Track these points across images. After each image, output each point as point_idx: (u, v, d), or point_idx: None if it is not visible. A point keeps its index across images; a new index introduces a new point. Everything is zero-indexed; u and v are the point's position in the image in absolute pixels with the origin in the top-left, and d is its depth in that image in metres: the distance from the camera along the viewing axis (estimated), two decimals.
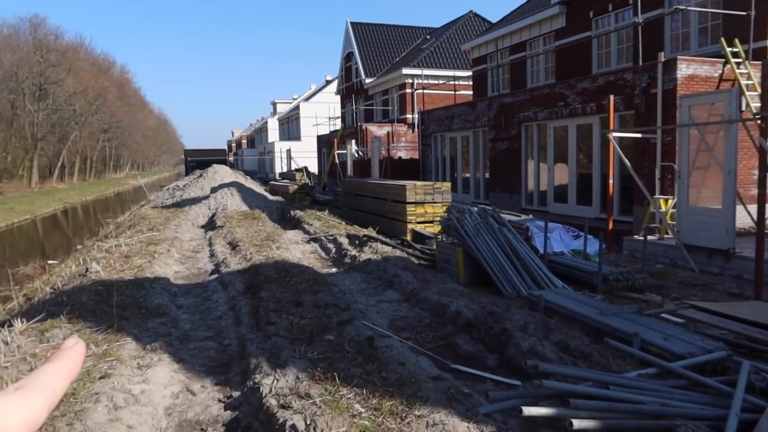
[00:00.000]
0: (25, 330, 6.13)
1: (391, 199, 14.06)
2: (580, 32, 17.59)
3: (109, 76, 74.76)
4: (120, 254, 11.42)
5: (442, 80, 27.69)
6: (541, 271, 8.17)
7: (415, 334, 6.44)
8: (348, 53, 37.47)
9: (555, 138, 15.06)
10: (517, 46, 21.02)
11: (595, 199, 13.65)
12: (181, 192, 28.80)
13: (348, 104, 38.00)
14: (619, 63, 16.33)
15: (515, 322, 5.70)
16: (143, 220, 18.08)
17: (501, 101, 17.17)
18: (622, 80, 12.60)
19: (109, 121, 71.12)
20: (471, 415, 3.89)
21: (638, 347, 5.00)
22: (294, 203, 23.46)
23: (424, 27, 38.14)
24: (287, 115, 63.20)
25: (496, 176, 17.61)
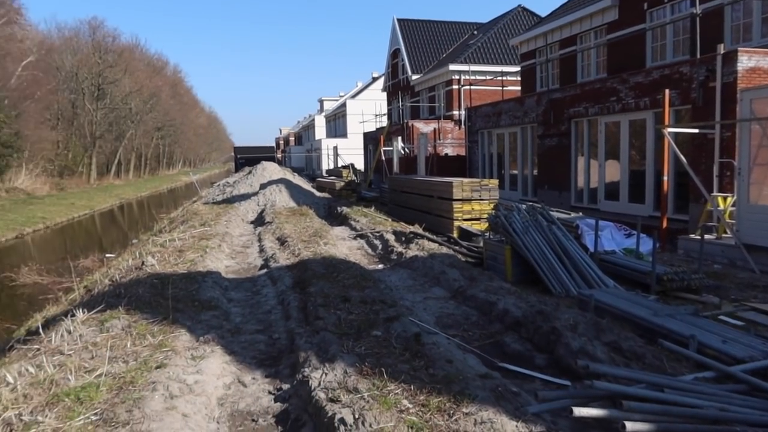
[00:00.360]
0: (87, 320, 6.41)
1: (438, 196, 14.02)
2: (634, 24, 17.09)
3: (163, 75, 77.14)
4: (174, 248, 11.77)
5: (489, 76, 27.39)
6: (591, 270, 8.00)
7: (462, 332, 6.41)
8: (394, 50, 37.49)
9: (606, 134, 14.69)
10: (567, 40, 20.59)
11: (648, 197, 13.26)
12: (231, 188, 29.43)
13: (394, 101, 38.03)
14: (675, 56, 15.79)
15: (565, 321, 5.60)
16: (195, 215, 18.57)
17: (550, 97, 16.86)
18: (679, 74, 12.18)
19: (163, 120, 73.39)
20: (520, 414, 3.85)
21: (695, 350, 4.84)
22: (340, 200, 23.66)
23: (471, 22, 37.80)
24: (334, 112, 63.74)
25: (544, 173, 17.31)
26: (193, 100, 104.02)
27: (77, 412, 4.08)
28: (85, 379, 4.68)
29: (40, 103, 42.47)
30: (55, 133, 46.68)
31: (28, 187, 37.12)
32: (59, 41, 54.38)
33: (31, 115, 39.15)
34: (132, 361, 5.13)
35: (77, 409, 4.14)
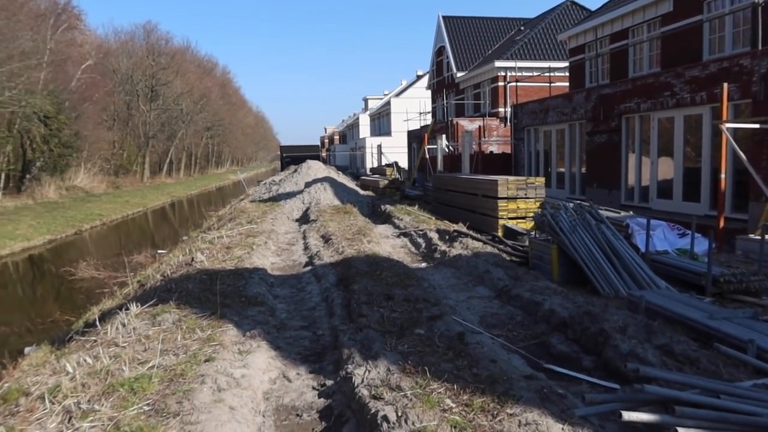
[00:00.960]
0: (140, 314, 6.61)
1: (482, 194, 13.86)
2: (690, 16, 16.47)
3: (212, 76, 78.99)
4: (221, 245, 12.03)
5: (536, 72, 26.93)
6: (642, 271, 7.76)
7: (507, 332, 6.31)
8: (439, 47, 37.29)
9: (659, 130, 14.22)
10: (618, 34, 20.02)
11: (703, 195, 12.77)
12: (277, 187, 29.87)
13: (439, 99, 37.83)
14: (735, 48, 15.14)
15: (614, 323, 5.44)
16: (242, 213, 18.94)
17: (600, 92, 16.44)
18: (738, 66, 11.68)
19: (212, 120, 75.14)
20: (566, 417, 3.76)
21: (754, 355, 4.63)
22: (384, 198, 23.70)
23: (518, 18, 37.24)
24: (378, 110, 63.91)
25: (593, 171, 16.90)
26: (241, 100, 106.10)
27: (131, 402, 4.22)
28: (138, 370, 4.83)
29: (98, 104, 44.13)
30: (111, 133, 48.44)
31: (86, 185, 38.62)
32: (116, 45, 56.34)
33: (89, 116, 40.71)
34: (182, 354, 5.27)
35: (131, 399, 4.28)
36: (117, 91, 52.07)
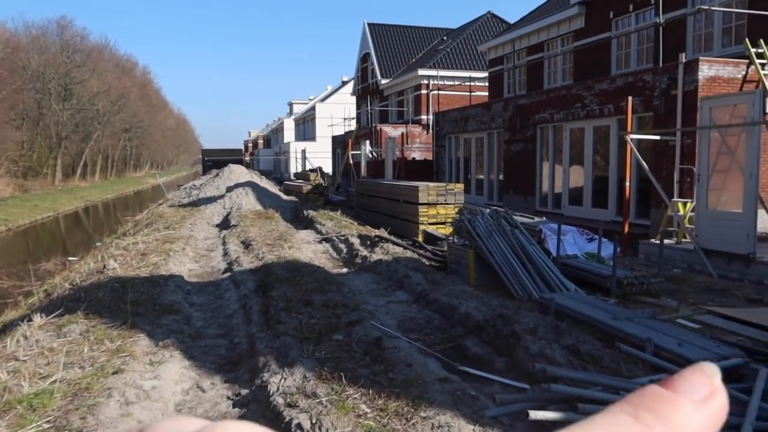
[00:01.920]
0: (44, 325, 6.22)
1: (404, 200, 14.04)
2: (600, 33, 17.42)
3: (132, 76, 75.79)
4: (137, 252, 11.54)
5: (457, 81, 27.60)
6: (553, 274, 8.09)
7: (424, 336, 6.40)
8: (364, 54, 37.52)
9: (571, 140, 14.92)
10: (534, 47, 20.88)
11: (611, 202, 13.49)
12: (198, 191, 29.05)
13: (363, 105, 38.04)
14: (639, 64, 16.14)
15: (525, 324, 5.64)
16: (160, 218, 18.26)
17: (517, 102, 17.06)
18: (642, 81, 12.44)
19: (131, 121, 72.06)
20: (477, 418, 3.85)
21: (651, 353, 4.92)
22: (307, 203, 23.54)
23: (441, 28, 38.06)
24: (303, 115, 63.46)
25: (510, 178, 17.49)
26: (162, 102, 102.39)
27: (29, 420, 3.96)
28: (39, 385, 4.55)
29: (5, 102, 41.30)
30: (20, 133, 45.41)
31: None
32: (26, 39, 52.91)
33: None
34: (88, 367, 5.01)
35: (29, 417, 4.02)
36: (27, 88, 48.89)
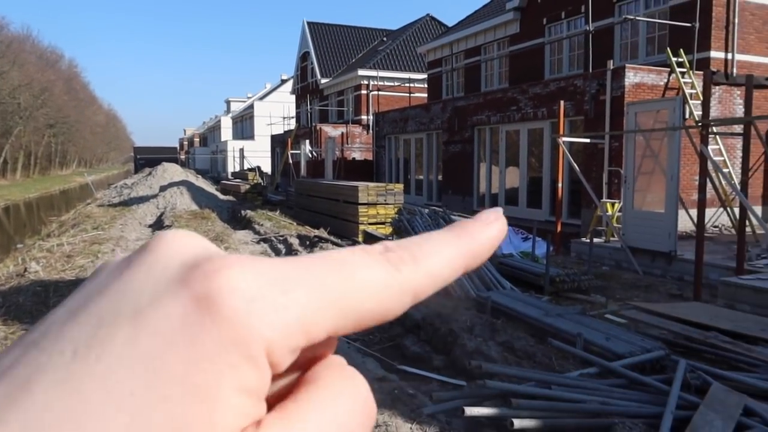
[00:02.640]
0: None
1: (344, 200, 13.99)
2: (534, 38, 17.93)
3: (56, 69, 72.37)
4: (62, 254, 11.00)
5: (397, 82, 27.78)
6: (489, 273, 8.24)
7: (363, 336, 6.38)
8: (304, 53, 37.21)
9: (507, 141, 15.28)
10: (472, 50, 21.27)
11: (544, 202, 13.90)
12: (129, 190, 28.01)
13: (303, 104, 37.72)
14: (571, 69, 16.70)
15: (462, 323, 5.71)
16: (88, 218, 17.49)
17: (455, 104, 17.32)
18: (573, 86, 12.88)
19: (56, 116, 68.71)
20: (415, 416, 3.86)
21: (581, 347, 5.07)
22: (245, 203, 23.10)
23: (380, 29, 38.22)
24: (241, 113, 62.31)
25: (448, 178, 17.75)
26: (91, 97, 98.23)
27: None
28: None
29: None
30: None
31: None
32: None
33: None
34: None
35: None
36: None
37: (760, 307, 6.86)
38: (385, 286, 0.23)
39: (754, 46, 13.06)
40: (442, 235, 0.25)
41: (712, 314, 6.35)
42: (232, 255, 0.23)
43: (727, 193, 11.01)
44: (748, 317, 6.40)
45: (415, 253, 0.24)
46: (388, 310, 0.23)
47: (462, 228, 0.26)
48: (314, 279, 0.22)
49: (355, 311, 0.22)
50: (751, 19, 12.99)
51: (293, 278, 0.22)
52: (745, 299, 7.08)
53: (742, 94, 11.98)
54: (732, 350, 5.10)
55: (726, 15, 12.68)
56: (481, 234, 0.26)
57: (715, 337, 5.44)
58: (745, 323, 5.97)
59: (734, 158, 12.00)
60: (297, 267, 0.22)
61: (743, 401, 3.74)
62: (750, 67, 12.71)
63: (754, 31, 13.06)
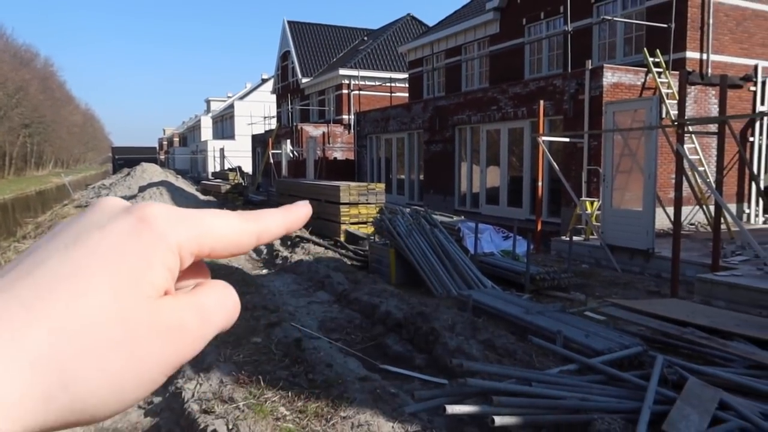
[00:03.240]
0: None
1: (325, 200, 13.96)
2: (514, 38, 18.05)
3: (32, 68, 71.15)
4: None
5: (378, 82, 27.79)
6: (471, 272, 8.29)
7: (345, 335, 6.38)
8: (285, 52, 37.04)
9: (488, 141, 15.37)
10: (452, 50, 21.35)
11: (525, 201, 14.01)
12: (108, 191, 27.66)
13: (284, 104, 37.54)
14: (550, 69, 16.85)
15: (443, 321, 5.74)
16: (65, 219, 17.24)
17: (436, 104, 17.38)
18: (552, 86, 12.99)
19: (31, 116, 67.54)
20: (396, 415, 3.87)
21: (561, 344, 5.13)
22: (226, 203, 22.95)
23: (361, 28, 38.19)
24: (221, 113, 61.83)
25: (430, 178, 17.80)
26: (67, 96, 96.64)
27: None
28: None
29: None
30: None
31: None
32: None
33: None
34: None
35: None
36: None
37: (735, 302, 7.00)
38: (239, 229, 0.37)
39: (728, 46, 13.29)
40: (275, 210, 0.39)
41: (689, 310, 6.46)
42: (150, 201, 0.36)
43: (702, 191, 11.20)
44: (723, 313, 6.53)
45: (256, 215, 0.38)
46: (241, 242, 0.37)
47: (286, 207, 0.40)
48: (202, 217, 0.36)
49: (222, 239, 0.36)
50: (725, 20, 13.22)
51: (189, 215, 0.35)
52: (721, 295, 7.22)
53: (716, 93, 12.19)
54: (708, 345, 5.19)
55: (701, 16, 12.90)
56: (297, 211, 0.40)
57: (691, 332, 5.54)
58: (720, 319, 6.09)
59: (709, 157, 12.21)
60: (192, 211, 0.36)
61: (719, 395, 3.82)
62: (724, 68, 12.94)
63: (728, 32, 13.29)
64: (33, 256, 0.32)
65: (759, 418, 3.70)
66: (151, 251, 0.32)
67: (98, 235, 0.32)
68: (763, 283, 7.01)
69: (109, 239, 0.32)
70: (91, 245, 0.32)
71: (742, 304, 6.90)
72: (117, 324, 0.31)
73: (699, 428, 3.56)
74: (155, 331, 0.32)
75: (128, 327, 0.31)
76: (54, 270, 0.31)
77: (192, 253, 0.34)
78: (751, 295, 6.93)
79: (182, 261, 0.34)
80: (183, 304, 0.34)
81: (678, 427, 3.56)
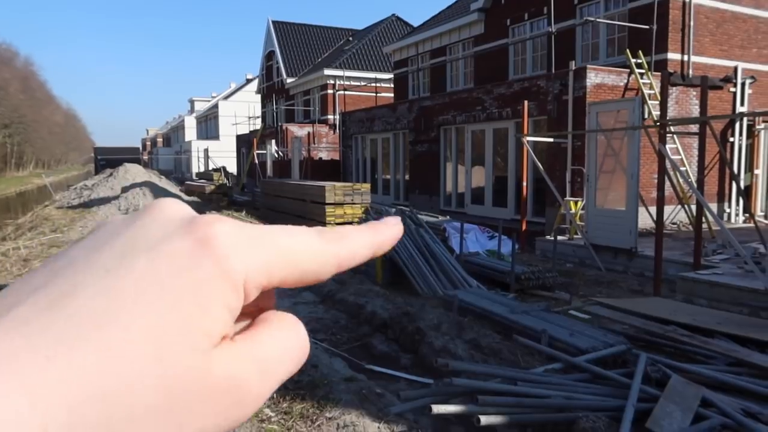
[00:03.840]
0: None
1: (311, 200, 13.93)
2: (498, 39, 18.13)
3: (11, 67, 70.28)
4: (18, 257, 10.67)
5: (363, 82, 27.77)
6: (456, 271, 8.31)
7: (331, 336, 6.36)
8: (269, 52, 36.88)
9: (473, 141, 15.42)
10: (437, 51, 21.40)
11: (510, 201, 14.08)
12: (90, 192, 27.32)
13: (268, 104, 37.38)
14: (534, 70, 16.94)
15: (429, 321, 5.74)
16: (46, 221, 17.00)
17: (421, 104, 17.41)
18: (536, 87, 13.07)
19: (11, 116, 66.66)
20: (382, 415, 3.86)
21: (546, 343, 5.16)
22: (211, 204, 22.80)
23: (346, 28, 38.14)
24: (205, 113, 61.42)
25: (415, 178, 17.82)
26: (48, 96, 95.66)
27: None
28: None
29: None
30: None
31: None
32: None
33: None
34: None
35: None
36: None
37: (716, 300, 7.09)
38: (319, 252, 0.30)
39: (708, 48, 13.46)
40: (361, 227, 0.33)
41: (671, 309, 6.53)
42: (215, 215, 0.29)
43: (684, 190, 11.33)
44: (705, 311, 6.61)
45: (340, 235, 0.31)
46: (320, 269, 0.30)
47: (373, 225, 0.33)
48: (273, 238, 0.29)
49: (298, 266, 0.29)
50: (706, 22, 13.39)
51: (259, 236, 0.28)
52: (702, 293, 7.31)
53: (697, 95, 12.34)
54: (690, 343, 5.25)
55: (682, 18, 13.05)
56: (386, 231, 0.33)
57: (674, 330, 5.60)
58: (702, 317, 6.16)
59: (691, 157, 12.35)
60: (261, 229, 0.29)
61: (701, 393, 3.86)
62: (705, 69, 13.10)
63: (708, 34, 13.47)
64: (67, 274, 0.26)
65: (740, 414, 3.74)
66: (210, 289, 0.26)
67: (146, 259, 0.26)
68: (744, 281, 7.11)
69: (160, 269, 0.26)
70: (135, 274, 0.26)
71: (723, 302, 7.00)
72: (158, 389, 0.24)
73: (682, 425, 3.60)
74: (205, 395, 0.26)
75: (172, 393, 0.25)
76: (88, 306, 0.25)
77: (259, 286, 0.28)
78: (732, 293, 7.02)
79: (247, 296, 0.28)
80: (241, 356, 0.27)
81: (661, 425, 3.59)
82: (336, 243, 0.31)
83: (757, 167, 14.23)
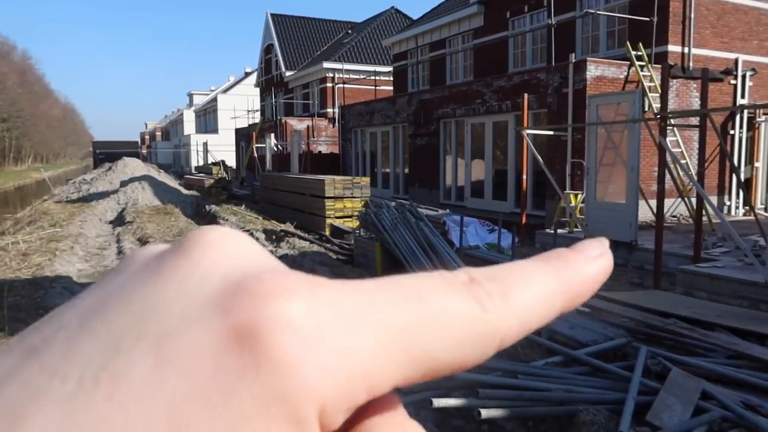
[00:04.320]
0: None
1: (310, 194, 13.90)
2: (498, 32, 18.06)
3: (9, 61, 70.06)
4: (17, 252, 10.67)
5: (363, 75, 27.69)
6: (456, 264, 8.30)
7: None
8: (268, 45, 36.75)
9: (472, 134, 15.39)
10: (437, 44, 21.32)
11: (509, 195, 14.06)
12: (89, 186, 27.32)
13: (267, 97, 37.29)
14: (534, 63, 16.89)
15: None
16: (45, 215, 16.99)
17: (420, 97, 17.36)
18: (536, 79, 13.03)
19: (9, 110, 66.51)
20: None
21: (546, 336, 5.15)
22: (210, 198, 22.78)
23: (345, 21, 38.01)
24: (204, 107, 61.28)
25: (415, 171, 17.80)
26: (46, 90, 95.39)
27: None
28: None
29: None
30: None
31: None
32: None
33: None
34: None
35: None
36: None
37: (716, 293, 7.08)
38: (468, 329, 0.18)
39: (709, 40, 13.42)
40: (538, 267, 0.20)
41: (671, 302, 6.53)
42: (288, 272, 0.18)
43: (684, 183, 11.31)
44: (705, 304, 6.61)
45: (506, 288, 0.19)
46: (468, 357, 0.18)
47: (561, 260, 0.21)
48: (382, 315, 0.17)
49: (429, 358, 0.17)
50: (706, 14, 13.34)
51: (357, 313, 0.17)
52: (702, 286, 7.31)
53: (698, 87, 12.31)
54: (690, 336, 5.25)
55: (682, 10, 13.00)
56: (584, 270, 0.21)
57: (674, 323, 5.60)
58: (702, 310, 6.16)
59: (691, 150, 12.33)
60: (360, 296, 0.17)
61: (701, 386, 3.86)
62: (705, 61, 13.06)
63: (709, 26, 13.41)
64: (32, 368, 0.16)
65: (740, 407, 3.74)
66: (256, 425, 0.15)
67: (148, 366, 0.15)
68: (743, 274, 7.11)
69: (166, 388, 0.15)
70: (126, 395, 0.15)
71: (723, 295, 6.99)
72: None
73: (682, 418, 3.59)
74: None
75: None
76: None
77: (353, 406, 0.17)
78: (732, 286, 7.02)
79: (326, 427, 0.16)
80: None
81: (662, 418, 3.59)
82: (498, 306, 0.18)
83: (757, 160, 14.21)
